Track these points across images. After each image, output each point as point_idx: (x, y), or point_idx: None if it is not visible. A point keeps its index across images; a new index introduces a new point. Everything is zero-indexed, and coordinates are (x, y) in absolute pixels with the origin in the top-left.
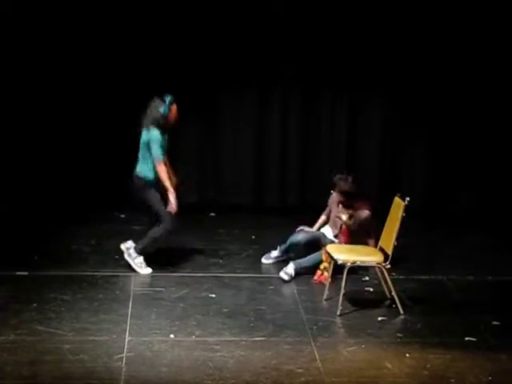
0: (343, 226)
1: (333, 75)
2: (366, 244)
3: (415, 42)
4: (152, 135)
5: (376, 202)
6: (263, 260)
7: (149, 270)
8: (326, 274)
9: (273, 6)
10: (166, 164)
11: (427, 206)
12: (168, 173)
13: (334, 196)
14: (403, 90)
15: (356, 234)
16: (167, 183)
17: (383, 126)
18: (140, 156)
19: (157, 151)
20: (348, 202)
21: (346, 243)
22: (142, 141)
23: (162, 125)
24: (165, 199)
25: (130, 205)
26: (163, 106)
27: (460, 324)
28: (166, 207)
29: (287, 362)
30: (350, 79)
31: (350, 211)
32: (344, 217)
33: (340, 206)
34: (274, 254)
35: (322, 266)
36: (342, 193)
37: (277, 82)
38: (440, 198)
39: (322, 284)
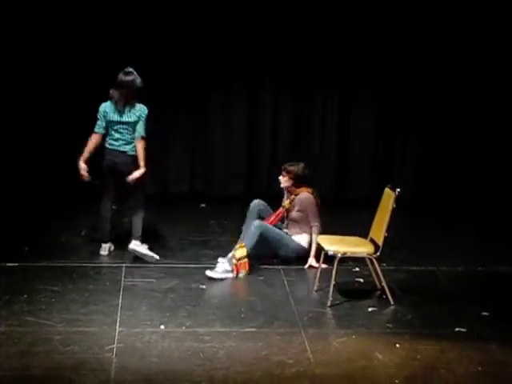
0: (280, 209)
1: (324, 73)
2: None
3: (407, 38)
4: (143, 111)
5: (368, 193)
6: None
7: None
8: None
9: (269, 6)
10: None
11: (418, 197)
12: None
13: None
14: (395, 86)
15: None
16: (143, 161)
17: (375, 118)
18: (126, 135)
19: (144, 127)
20: (294, 187)
21: (272, 224)
22: (124, 120)
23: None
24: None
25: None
26: (138, 78)
27: (450, 315)
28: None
29: (278, 353)
30: (342, 76)
31: (292, 197)
32: (286, 202)
33: (285, 193)
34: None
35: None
36: (293, 177)
37: (269, 80)
38: (431, 189)
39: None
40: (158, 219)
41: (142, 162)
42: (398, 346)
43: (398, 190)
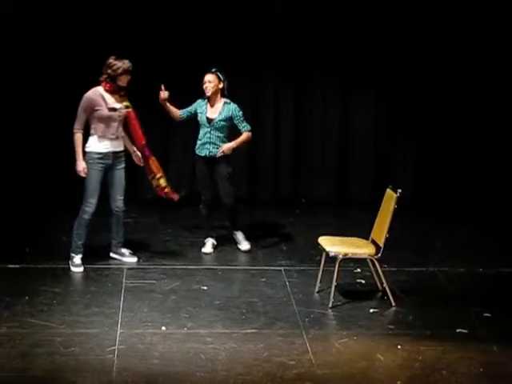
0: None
1: (325, 68)
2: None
3: (409, 31)
4: None
5: (369, 195)
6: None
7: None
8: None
9: (270, 3)
10: None
11: (419, 198)
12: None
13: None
14: (396, 82)
15: None
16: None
17: (376, 120)
18: None
19: None
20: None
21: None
22: None
23: None
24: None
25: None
26: None
27: (451, 316)
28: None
29: (279, 354)
30: (343, 72)
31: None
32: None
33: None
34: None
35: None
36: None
37: (270, 76)
38: (432, 190)
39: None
40: (159, 221)
41: None
42: (399, 347)
43: (400, 191)
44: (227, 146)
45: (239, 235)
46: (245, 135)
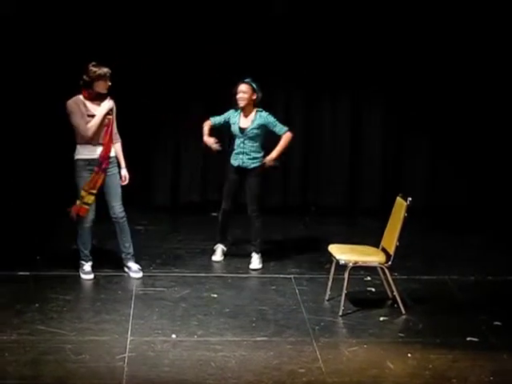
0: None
1: (335, 76)
2: None
3: (417, 41)
4: None
5: (379, 202)
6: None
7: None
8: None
9: (274, 6)
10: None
11: (429, 206)
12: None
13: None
14: (406, 90)
15: None
16: None
17: (386, 127)
18: None
19: None
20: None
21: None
22: None
23: None
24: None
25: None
26: None
27: (462, 324)
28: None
29: (289, 362)
30: (352, 79)
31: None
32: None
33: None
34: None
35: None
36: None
37: (280, 83)
38: (442, 198)
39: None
40: (169, 228)
41: None
42: (409, 355)
43: (410, 199)
44: (269, 158)
45: (254, 256)
46: (284, 138)
